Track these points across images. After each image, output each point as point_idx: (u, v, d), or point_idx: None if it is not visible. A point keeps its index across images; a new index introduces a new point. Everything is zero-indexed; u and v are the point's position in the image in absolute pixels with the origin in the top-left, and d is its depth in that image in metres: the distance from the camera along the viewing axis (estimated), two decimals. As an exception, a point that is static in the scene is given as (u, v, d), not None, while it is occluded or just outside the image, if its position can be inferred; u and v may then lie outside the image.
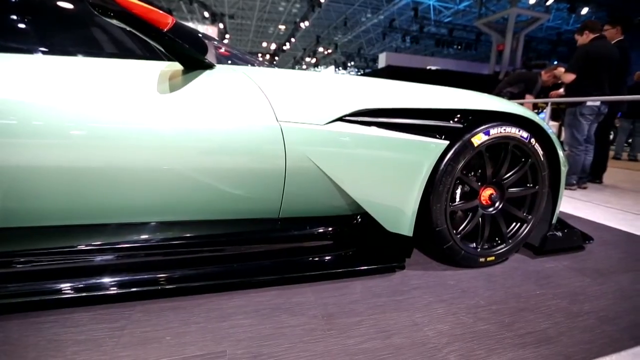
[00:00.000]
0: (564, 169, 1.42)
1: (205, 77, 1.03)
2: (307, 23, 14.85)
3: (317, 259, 1.20)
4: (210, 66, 1.05)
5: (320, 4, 12.44)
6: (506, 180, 1.35)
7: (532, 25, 13.30)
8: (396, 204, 1.18)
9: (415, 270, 1.32)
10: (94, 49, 1.08)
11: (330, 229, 1.23)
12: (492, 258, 1.35)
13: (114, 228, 1.02)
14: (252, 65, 1.54)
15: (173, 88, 1.00)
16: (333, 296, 1.12)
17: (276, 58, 22.11)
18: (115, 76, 0.99)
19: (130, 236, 1.04)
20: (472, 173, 1.35)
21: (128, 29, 0.87)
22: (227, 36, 16.67)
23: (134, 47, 1.11)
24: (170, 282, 1.04)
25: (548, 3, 13.13)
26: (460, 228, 1.31)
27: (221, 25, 14.95)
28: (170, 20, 0.91)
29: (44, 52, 1.01)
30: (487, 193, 1.34)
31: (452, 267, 1.34)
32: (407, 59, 14.59)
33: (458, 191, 1.34)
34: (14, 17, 1.02)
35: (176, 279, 1.05)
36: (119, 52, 1.10)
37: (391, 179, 1.16)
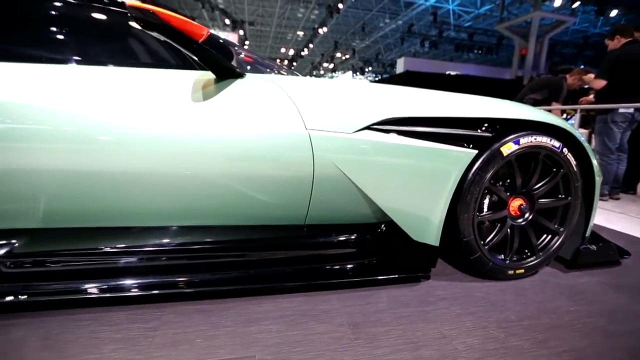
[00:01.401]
0: (598, 180, 1.37)
1: (236, 86, 1.06)
2: (325, 29, 14.99)
3: (342, 266, 1.21)
4: (241, 75, 1.08)
5: (338, 10, 12.53)
6: (536, 191, 1.31)
7: (556, 29, 12.91)
8: (423, 213, 1.17)
9: (441, 281, 1.30)
10: (131, 59, 1.13)
11: (354, 236, 1.24)
12: (522, 271, 1.31)
13: (147, 231, 1.06)
14: (272, 69, 1.57)
15: (206, 97, 1.03)
16: (358, 305, 1.12)
17: (294, 63, 22.40)
18: (150, 85, 1.04)
19: (162, 239, 1.07)
20: (501, 183, 1.32)
21: (167, 40, 0.91)
22: (246, 42, 17.03)
23: (167, 57, 1.16)
24: (199, 285, 1.07)
25: (574, 6, 12.74)
26: (488, 239, 1.28)
27: (241, 32, 15.30)
28: (205, 32, 0.95)
29: (86, 63, 1.06)
30: (516, 203, 1.31)
31: (479, 279, 1.31)
32: (425, 64, 14.45)
33: (486, 201, 1.32)
34: (61, 30, 1.09)
35: (205, 282, 1.07)
36: (154, 62, 1.15)
37: (418, 188, 1.15)
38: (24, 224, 1.02)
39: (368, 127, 1.09)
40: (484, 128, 1.21)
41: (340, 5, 12.16)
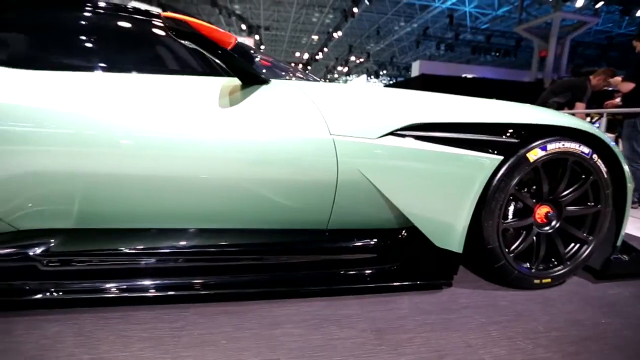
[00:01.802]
0: (630, 187, 1.32)
1: (261, 92, 1.08)
2: (339, 33, 15.04)
3: (362, 271, 1.20)
4: (265, 81, 1.10)
5: (353, 14, 12.56)
6: (564, 198, 1.27)
7: (578, 30, 12.54)
8: (446, 219, 1.16)
9: (463, 289, 1.27)
10: (161, 67, 1.17)
11: (375, 241, 1.23)
12: (548, 280, 1.27)
13: (173, 233, 1.09)
14: (288, 72, 1.59)
15: (232, 102, 1.05)
16: (380, 310, 1.11)
17: (308, 67, 22.55)
18: (179, 91, 1.07)
19: (187, 242, 1.10)
20: (527, 189, 1.29)
21: (197, 48, 0.94)
22: (262, 47, 17.27)
23: (194, 65, 1.19)
24: (222, 287, 1.09)
25: (597, 6, 12.34)
26: (513, 247, 1.25)
27: (257, 37, 15.53)
28: (233, 40, 0.97)
29: (122, 71, 1.11)
30: (542, 211, 1.28)
31: (504, 288, 1.28)
32: (441, 67, 14.28)
33: (511, 208, 1.29)
34: (100, 40, 1.14)
35: (228, 284, 1.09)
36: (181, 69, 1.19)
37: (442, 194, 1.14)
38: (59, 225, 1.07)
39: (392, 133, 1.09)
40: (509, 134, 1.18)
41: (355, 10, 12.18)
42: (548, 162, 1.21)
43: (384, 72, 21.97)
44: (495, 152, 1.15)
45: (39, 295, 0.99)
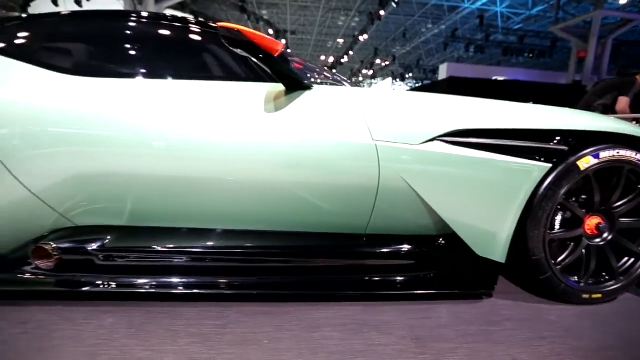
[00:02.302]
0: (692, 199, 1.23)
1: (305, 98, 1.11)
2: (365, 36, 14.98)
3: (399, 278, 1.19)
4: (309, 87, 1.12)
5: (380, 17, 12.47)
6: (618, 209, 1.20)
7: (621, 29, 11.79)
8: (490, 228, 1.13)
9: (505, 300, 1.23)
10: (207, 74, 1.23)
11: (412, 248, 1.22)
12: (599, 295, 1.20)
13: (217, 234, 1.13)
14: (320, 75, 1.61)
15: (277, 108, 1.08)
16: (418, 318, 1.09)
17: (334, 70, 22.59)
18: (225, 97, 1.11)
19: (230, 242, 1.13)
20: (576, 199, 1.23)
21: (247, 56, 0.97)
22: (288, 51, 17.48)
23: (239, 71, 1.23)
24: (263, 288, 1.11)
25: (644, 3, 11.54)
26: (561, 259, 1.19)
27: (283, 41, 15.78)
28: (280, 47, 1.00)
29: (177, 78, 1.16)
30: (593, 222, 1.21)
31: (549, 301, 1.22)
32: (470, 69, 13.88)
33: (559, 218, 1.23)
34: (152, 50, 1.22)
35: (268, 285, 1.12)
36: (226, 75, 1.24)
37: (486, 202, 1.11)
38: (112, 222, 1.13)
39: (435, 139, 1.07)
40: (557, 140, 1.14)
41: (382, 12, 12.09)
42: (601, 171, 1.15)
43: (410, 75, 21.63)
44: (543, 159, 1.11)
45: (95, 288, 1.06)
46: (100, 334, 0.96)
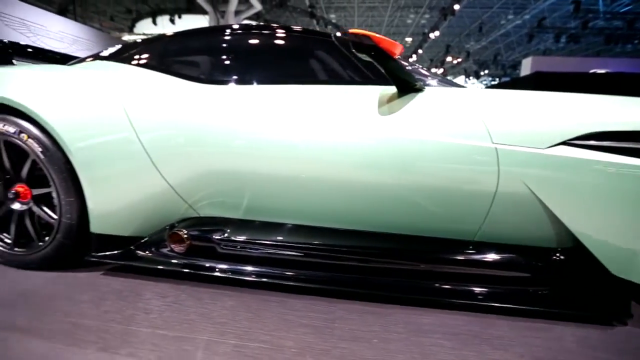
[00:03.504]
0: None
1: (418, 100, 1.10)
2: (437, 33, 14.27)
3: (511, 290, 1.11)
4: (421, 89, 1.11)
5: (453, 12, 11.77)
6: None
7: None
8: (629, 244, 0.99)
9: (638, 328, 1.06)
10: (319, 77, 1.31)
11: (527, 259, 1.12)
12: None
13: (326, 232, 1.19)
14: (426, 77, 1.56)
15: (391, 110, 1.09)
16: (536, 337, 1.01)
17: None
18: (337, 101, 1.16)
19: (336, 240, 1.18)
20: None
21: (370, 60, 1.01)
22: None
23: (344, 74, 1.28)
24: (368, 287, 1.13)
25: None
26: None
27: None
28: (399, 49, 1.01)
29: (297, 83, 1.25)
30: None
31: None
32: (560, 62, 12.23)
33: None
34: (275, 58, 1.33)
35: (373, 285, 1.13)
36: (337, 79, 1.29)
37: (625, 214, 0.98)
38: (231, 215, 1.26)
39: (564, 142, 0.98)
40: None
41: (457, 6, 11.40)
42: None
43: (485, 72, 19.99)
44: None
45: (218, 273, 1.19)
46: (224, 314, 1.07)
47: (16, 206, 1.27)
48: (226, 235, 1.22)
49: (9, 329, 0.96)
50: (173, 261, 1.23)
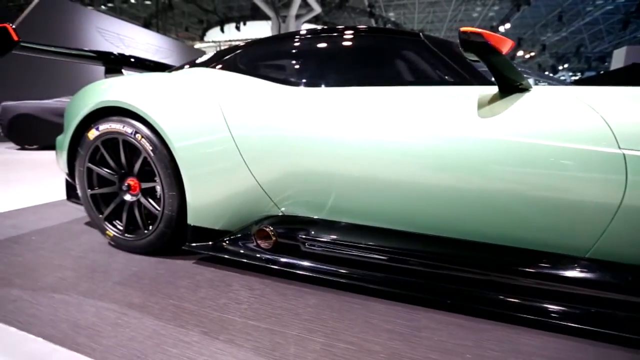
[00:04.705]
0: None
1: (525, 99, 1.01)
2: (507, 25, 13.15)
3: (627, 317, 0.96)
4: (527, 88, 1.02)
5: (528, 2, 10.72)
6: None
7: None
8: None
9: None
10: (408, 79, 1.28)
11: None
12: None
13: (411, 236, 1.15)
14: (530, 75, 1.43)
15: (493, 112, 1.02)
16: (668, 376, 0.86)
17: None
18: (430, 102, 1.12)
19: (421, 246, 1.14)
20: None
21: (477, 59, 0.95)
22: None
23: (433, 74, 1.23)
24: (457, 298, 1.07)
25: None
26: None
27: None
28: (509, 45, 0.93)
29: (394, 84, 1.24)
30: None
31: None
32: (664, 52, 10.36)
33: None
34: (359, 60, 1.34)
35: (463, 297, 1.07)
36: (429, 80, 1.25)
37: None
38: (313, 214, 1.29)
39: None
40: None
41: (532, -5, 10.40)
42: None
43: (564, 66, 17.84)
44: None
45: (301, 271, 1.22)
46: (309, 311, 1.10)
47: (127, 197, 1.45)
48: (311, 234, 1.25)
49: (128, 305, 1.09)
50: (258, 256, 1.29)
